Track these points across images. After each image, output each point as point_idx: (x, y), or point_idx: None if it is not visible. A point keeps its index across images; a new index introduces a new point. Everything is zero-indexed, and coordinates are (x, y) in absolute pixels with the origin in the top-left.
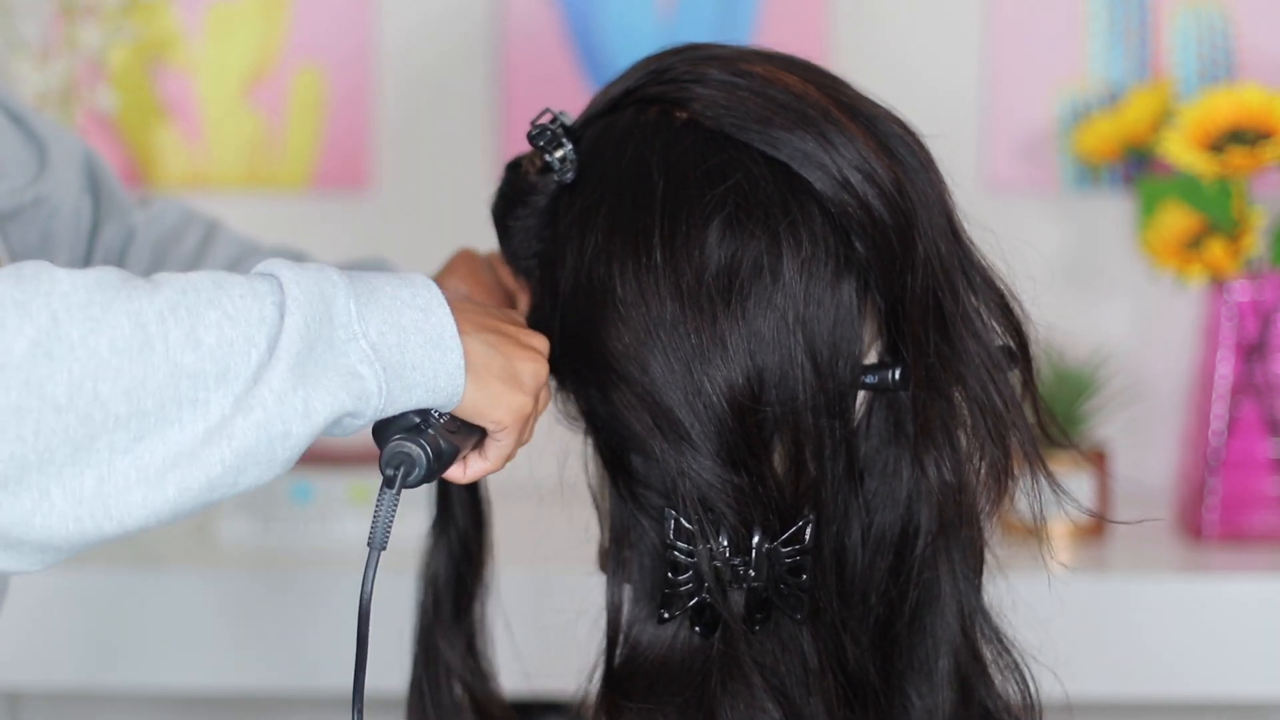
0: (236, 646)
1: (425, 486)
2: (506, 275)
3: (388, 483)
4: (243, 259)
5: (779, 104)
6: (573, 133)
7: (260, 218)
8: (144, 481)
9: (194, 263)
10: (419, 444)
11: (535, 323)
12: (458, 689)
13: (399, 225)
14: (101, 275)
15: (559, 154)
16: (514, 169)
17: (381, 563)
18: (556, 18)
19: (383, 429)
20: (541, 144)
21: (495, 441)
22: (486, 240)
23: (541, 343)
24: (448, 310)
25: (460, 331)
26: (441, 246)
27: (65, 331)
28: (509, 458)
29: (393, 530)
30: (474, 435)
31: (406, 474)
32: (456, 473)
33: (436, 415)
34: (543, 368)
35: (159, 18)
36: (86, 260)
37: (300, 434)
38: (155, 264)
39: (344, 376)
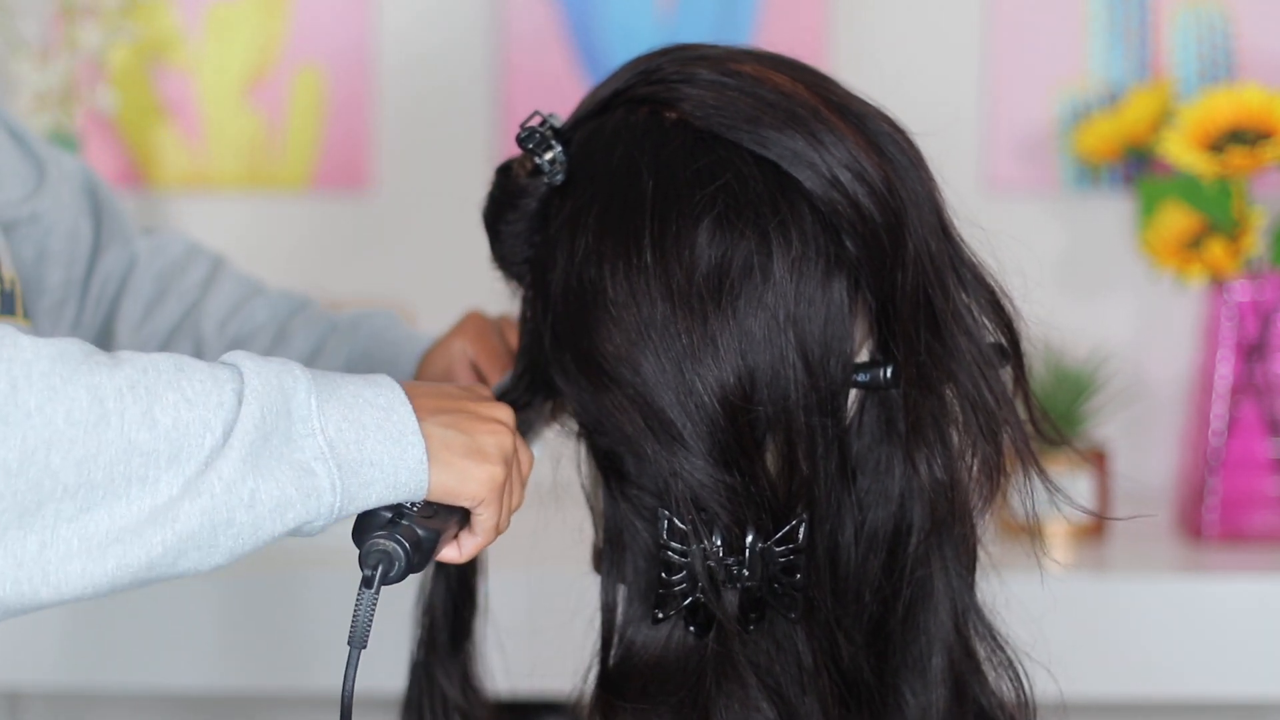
0: (236, 646)
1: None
2: (514, 337)
3: (366, 582)
4: (247, 301)
5: (768, 103)
6: (562, 135)
7: (260, 218)
8: (85, 552)
9: (197, 300)
10: (394, 539)
11: (529, 329)
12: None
13: (399, 225)
14: (65, 346)
15: (549, 156)
16: (504, 172)
17: None
18: (556, 17)
19: (359, 530)
20: (531, 146)
21: (479, 516)
22: (486, 240)
23: (505, 413)
24: (409, 408)
25: (419, 419)
26: (441, 246)
27: (23, 398)
28: (500, 528)
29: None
30: (455, 515)
31: (386, 571)
32: (451, 554)
33: (410, 506)
34: (507, 438)
35: (159, 18)
36: (85, 282)
37: (244, 523)
38: (157, 295)
39: (296, 471)
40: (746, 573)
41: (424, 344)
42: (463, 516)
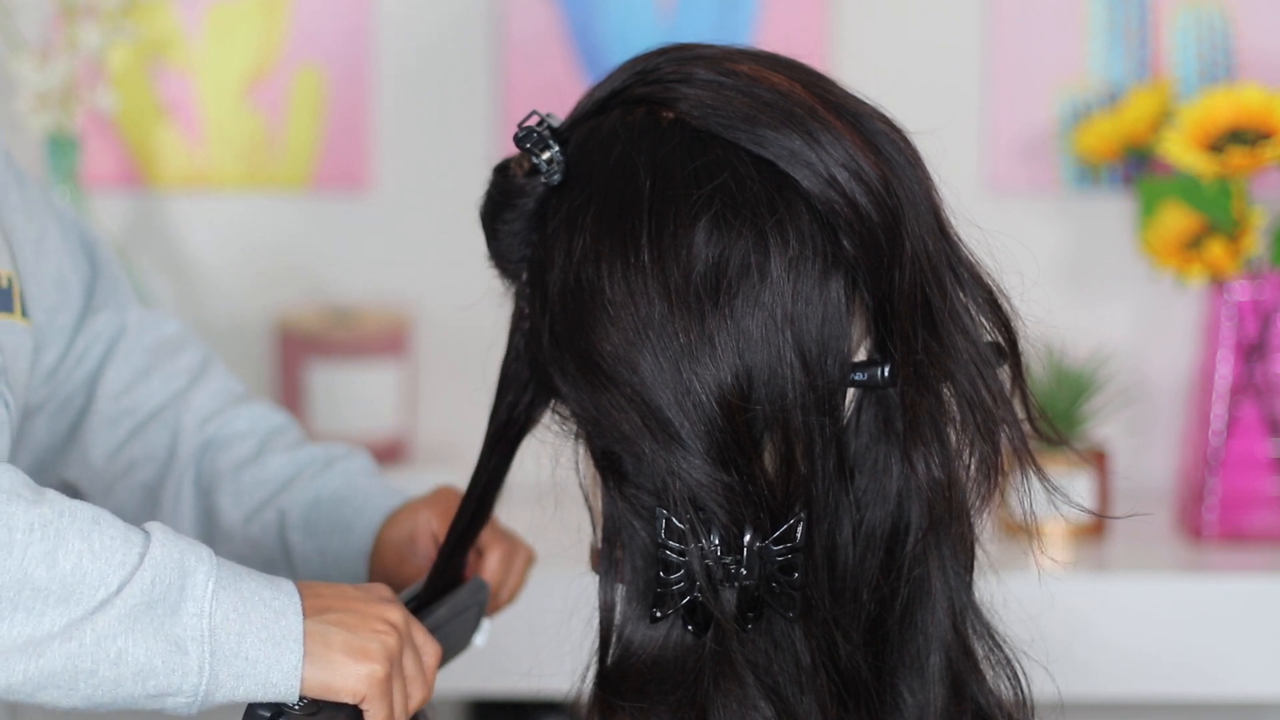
0: None
1: None
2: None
3: None
4: (232, 406)
5: (765, 103)
6: (560, 135)
7: (260, 218)
8: None
9: (183, 390)
10: None
11: (529, 330)
12: None
13: (399, 225)
14: None
15: (546, 156)
16: (501, 172)
17: None
18: (556, 18)
19: None
20: (528, 146)
21: (367, 711)
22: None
23: (397, 615)
24: (299, 618)
25: (308, 615)
26: (441, 246)
27: None
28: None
29: None
30: (343, 711)
31: None
32: None
33: (295, 705)
34: (392, 638)
35: (159, 18)
36: (69, 343)
37: (106, 677)
38: (144, 370)
39: (168, 644)
40: (744, 572)
41: (394, 502)
42: (352, 712)
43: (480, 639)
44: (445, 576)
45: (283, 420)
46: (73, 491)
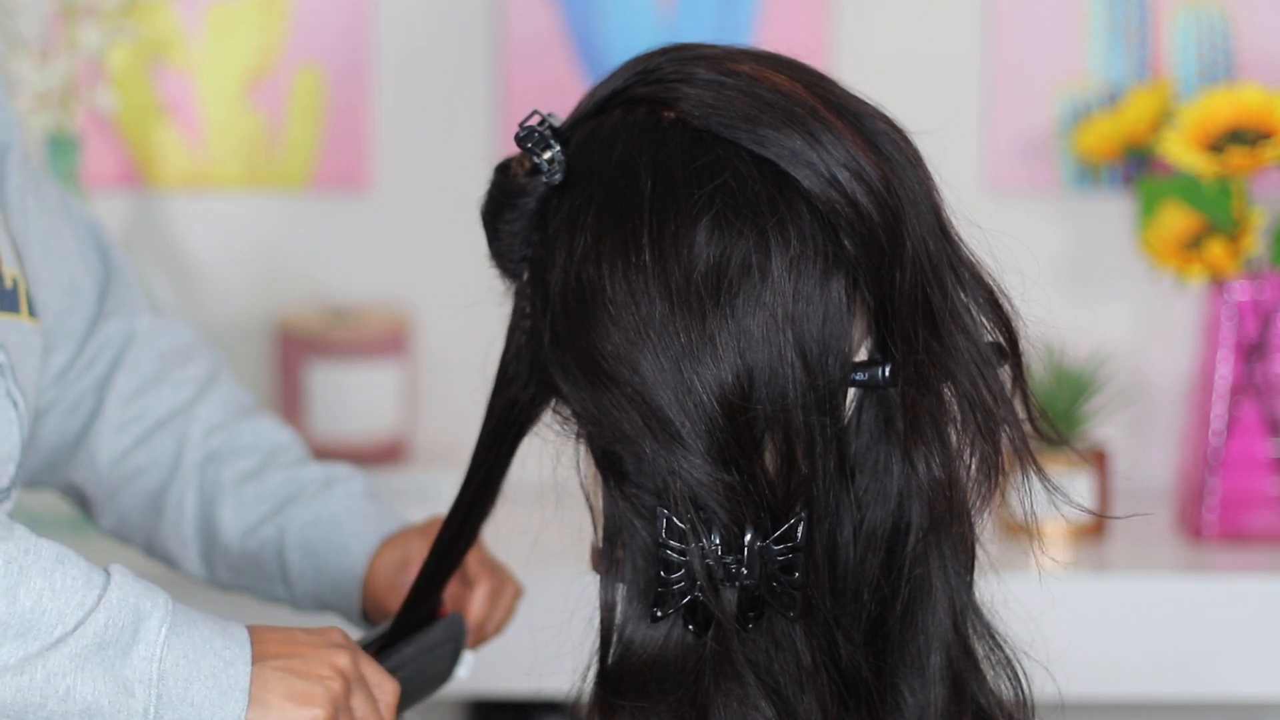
0: None
1: None
2: (473, 550)
3: None
4: (239, 419)
5: (766, 102)
6: (561, 134)
7: (260, 218)
8: None
9: (191, 401)
10: None
11: (529, 329)
12: None
13: (399, 225)
14: None
15: (547, 156)
16: (502, 171)
17: None
18: (556, 18)
19: None
20: (529, 146)
21: None
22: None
23: (344, 659)
24: (247, 667)
25: (256, 660)
26: (441, 246)
27: None
28: None
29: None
30: None
31: None
32: None
33: None
34: (336, 684)
35: (159, 18)
36: (79, 347)
37: (54, 711)
38: (155, 377)
39: (115, 685)
40: (745, 571)
41: (391, 527)
42: None
43: (463, 671)
44: (419, 612)
45: (287, 437)
46: (79, 495)
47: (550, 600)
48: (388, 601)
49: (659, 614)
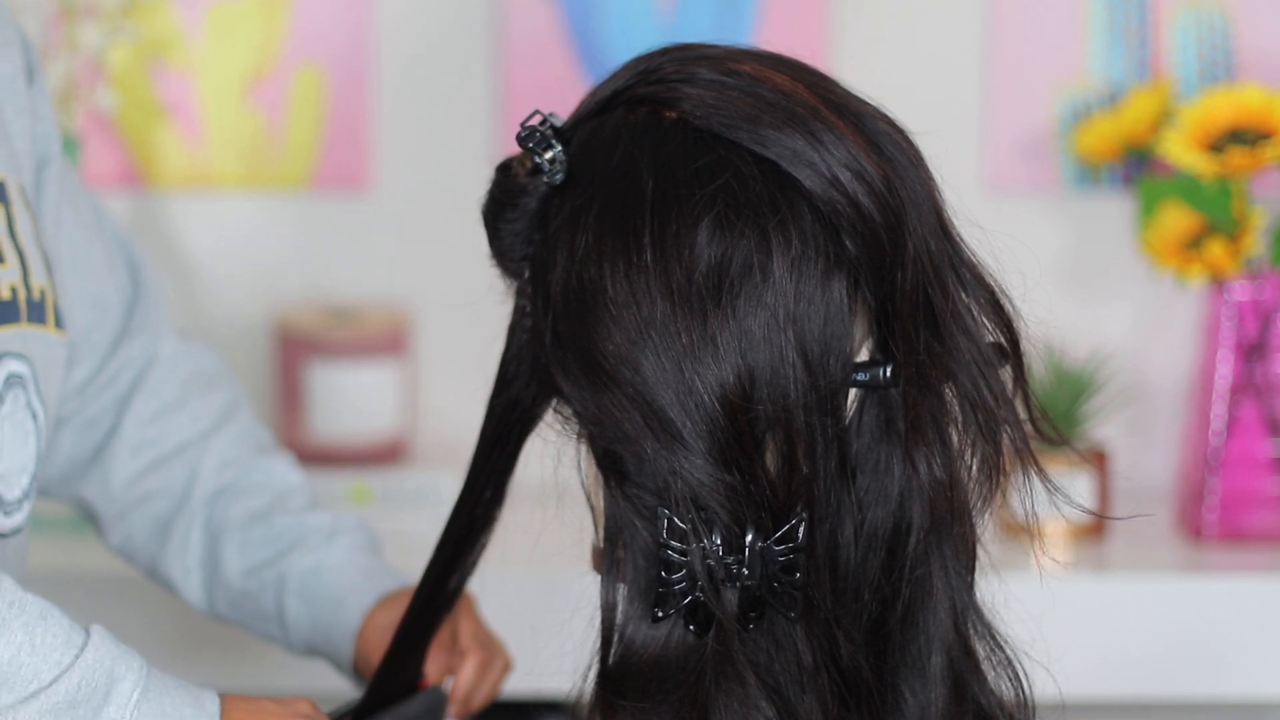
0: (235, 646)
1: None
2: (465, 626)
3: None
4: (254, 457)
5: (768, 103)
6: (562, 134)
7: (260, 218)
8: None
9: (208, 432)
10: None
11: (530, 329)
12: None
13: (399, 225)
14: None
15: (548, 155)
16: (503, 171)
17: None
18: (556, 18)
19: None
20: (531, 145)
21: None
22: (485, 239)
23: (308, 709)
24: None
25: None
26: (441, 246)
27: None
28: None
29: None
30: None
31: None
32: None
33: None
34: None
35: (159, 18)
36: (102, 362)
37: None
38: (176, 402)
39: None
40: (746, 571)
41: (390, 585)
42: None
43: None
44: (400, 678)
45: (298, 480)
46: (89, 512)
47: (551, 600)
48: (377, 659)
49: (660, 614)
